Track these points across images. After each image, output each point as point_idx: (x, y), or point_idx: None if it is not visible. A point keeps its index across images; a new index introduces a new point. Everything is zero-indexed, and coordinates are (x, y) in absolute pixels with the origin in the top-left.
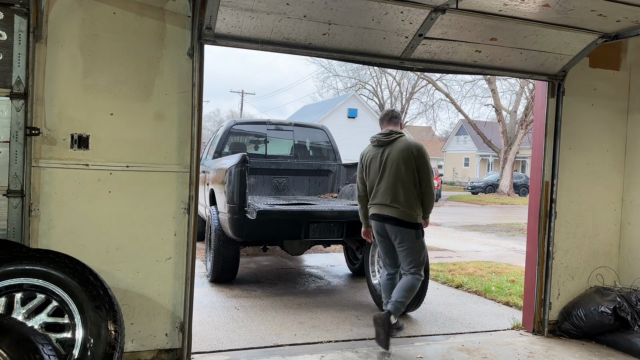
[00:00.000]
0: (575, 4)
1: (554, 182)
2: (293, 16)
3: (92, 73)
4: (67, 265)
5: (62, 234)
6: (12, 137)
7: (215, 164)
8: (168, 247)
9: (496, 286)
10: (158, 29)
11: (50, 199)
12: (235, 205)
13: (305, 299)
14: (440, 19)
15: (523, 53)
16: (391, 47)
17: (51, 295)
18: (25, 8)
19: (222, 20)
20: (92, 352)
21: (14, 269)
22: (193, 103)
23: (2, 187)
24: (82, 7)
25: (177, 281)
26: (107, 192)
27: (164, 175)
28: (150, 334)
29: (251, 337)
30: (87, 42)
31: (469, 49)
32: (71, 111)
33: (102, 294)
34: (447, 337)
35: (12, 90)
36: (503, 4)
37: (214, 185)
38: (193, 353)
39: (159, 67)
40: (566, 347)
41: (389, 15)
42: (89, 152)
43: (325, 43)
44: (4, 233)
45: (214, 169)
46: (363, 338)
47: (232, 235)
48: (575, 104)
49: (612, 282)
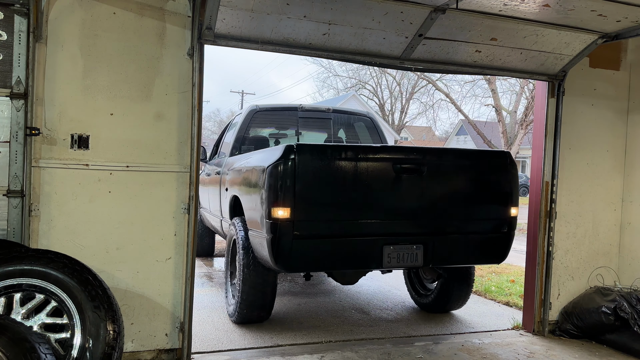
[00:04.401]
0: (575, 4)
1: (554, 182)
2: (293, 16)
3: (92, 73)
4: (66, 266)
5: (62, 234)
6: (12, 137)
7: (240, 161)
8: (168, 247)
9: (496, 286)
10: (158, 29)
11: (50, 199)
12: (279, 221)
13: (305, 299)
14: (440, 19)
15: (523, 53)
16: (391, 47)
17: (50, 295)
18: (25, 8)
19: (222, 20)
20: (91, 352)
21: (13, 269)
22: (193, 103)
23: (2, 187)
24: (82, 7)
25: (177, 281)
26: (107, 192)
27: (164, 175)
28: (150, 334)
29: (251, 337)
30: (87, 42)
31: (469, 49)
32: (71, 111)
33: (100, 294)
34: (447, 337)
35: (12, 90)
36: (503, 4)
37: (240, 190)
38: (193, 353)
39: (159, 67)
40: (566, 347)
41: (389, 15)
42: (89, 152)
43: (325, 43)
44: (3, 233)
45: (237, 169)
46: (363, 338)
47: (270, 263)
48: (576, 104)
49: (612, 282)
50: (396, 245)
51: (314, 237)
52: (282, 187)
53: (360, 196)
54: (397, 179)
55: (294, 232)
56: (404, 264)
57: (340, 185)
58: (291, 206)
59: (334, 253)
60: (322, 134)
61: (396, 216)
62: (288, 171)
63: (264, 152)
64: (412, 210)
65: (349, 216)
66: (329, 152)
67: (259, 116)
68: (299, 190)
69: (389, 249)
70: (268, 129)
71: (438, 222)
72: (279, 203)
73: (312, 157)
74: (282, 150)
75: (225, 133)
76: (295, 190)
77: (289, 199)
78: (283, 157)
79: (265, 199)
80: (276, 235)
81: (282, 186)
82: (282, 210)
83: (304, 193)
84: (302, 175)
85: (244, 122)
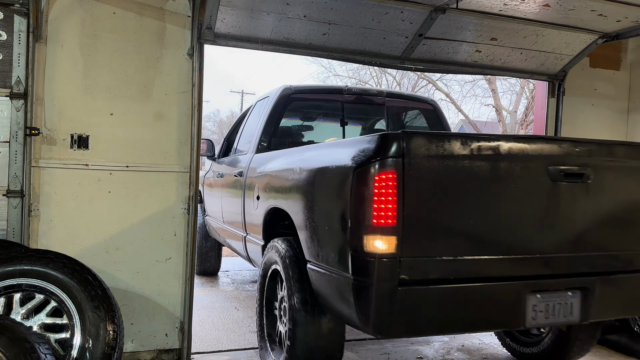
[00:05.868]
0: (575, 4)
1: None
2: (293, 16)
3: (92, 73)
4: (65, 266)
5: (62, 234)
6: (11, 137)
7: (282, 159)
8: (168, 247)
9: None
10: (158, 29)
11: (50, 199)
12: (376, 258)
13: None
14: (440, 19)
15: (523, 53)
16: (391, 47)
17: (50, 295)
18: (25, 8)
19: (222, 20)
20: (91, 352)
21: (13, 269)
22: (193, 103)
23: (2, 187)
24: (82, 7)
25: (177, 281)
26: (107, 192)
27: (163, 175)
28: (150, 334)
29: (251, 337)
30: (87, 42)
31: (469, 49)
32: (71, 111)
33: (100, 294)
34: (447, 337)
35: (12, 90)
36: (503, 4)
37: (290, 201)
38: (193, 353)
39: (159, 67)
40: None
41: (389, 15)
42: (89, 152)
43: (325, 43)
44: (3, 233)
45: (280, 170)
46: (363, 338)
47: (354, 322)
48: (576, 104)
49: None
50: (545, 293)
51: (431, 283)
52: (383, 203)
53: (498, 217)
54: (554, 188)
55: (400, 275)
56: (555, 319)
57: (470, 201)
58: (397, 233)
59: (457, 308)
60: (371, 123)
61: (548, 247)
62: (394, 176)
63: (337, 145)
64: (571, 236)
65: (482, 249)
66: (456, 145)
67: (295, 100)
68: (409, 207)
69: (535, 299)
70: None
71: (607, 255)
72: (377, 228)
73: (430, 153)
74: (379, 142)
75: (242, 124)
76: (404, 208)
77: (395, 222)
78: (383, 152)
79: (350, 221)
80: (370, 279)
81: (383, 201)
82: (383, 241)
83: (418, 212)
84: (416, 183)
85: (275, 107)
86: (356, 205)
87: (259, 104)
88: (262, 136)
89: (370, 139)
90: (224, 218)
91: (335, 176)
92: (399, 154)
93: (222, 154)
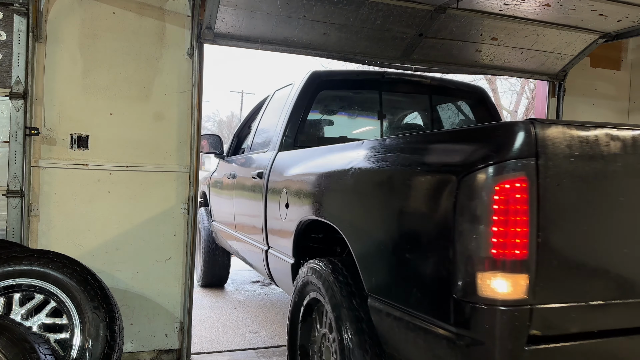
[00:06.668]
0: (575, 4)
1: None
2: (293, 16)
3: (92, 73)
4: (65, 266)
5: (61, 234)
6: (11, 137)
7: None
8: (168, 247)
9: None
10: (158, 29)
11: (49, 199)
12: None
13: None
14: (441, 19)
15: (523, 53)
16: (391, 46)
17: (49, 295)
18: (24, 8)
19: (222, 19)
20: (91, 353)
21: (13, 269)
22: (193, 103)
23: (2, 187)
24: (82, 7)
25: (176, 281)
26: (107, 192)
27: (163, 175)
28: (149, 334)
29: (251, 338)
30: (87, 41)
31: (469, 49)
32: (70, 111)
33: (100, 294)
34: None
35: (12, 90)
36: (504, 4)
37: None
38: (193, 353)
39: (159, 66)
40: None
41: (389, 14)
42: (89, 152)
43: (325, 43)
44: (3, 233)
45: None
46: None
47: None
48: (576, 104)
49: None
50: None
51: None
52: (507, 225)
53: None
54: None
55: (529, 329)
56: None
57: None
58: (530, 270)
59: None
60: (413, 114)
61: None
62: (524, 186)
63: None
64: None
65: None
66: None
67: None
68: (547, 230)
69: None
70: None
71: None
72: (498, 262)
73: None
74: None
75: (258, 118)
76: (540, 232)
77: (526, 253)
78: (506, 150)
79: (453, 250)
80: (485, 337)
81: (508, 222)
82: (507, 280)
83: (560, 238)
84: (556, 195)
85: (301, 97)
86: (463, 227)
87: (279, 94)
88: (287, 131)
89: (484, 130)
90: (237, 226)
91: (426, 184)
92: (530, 153)
93: (231, 151)
